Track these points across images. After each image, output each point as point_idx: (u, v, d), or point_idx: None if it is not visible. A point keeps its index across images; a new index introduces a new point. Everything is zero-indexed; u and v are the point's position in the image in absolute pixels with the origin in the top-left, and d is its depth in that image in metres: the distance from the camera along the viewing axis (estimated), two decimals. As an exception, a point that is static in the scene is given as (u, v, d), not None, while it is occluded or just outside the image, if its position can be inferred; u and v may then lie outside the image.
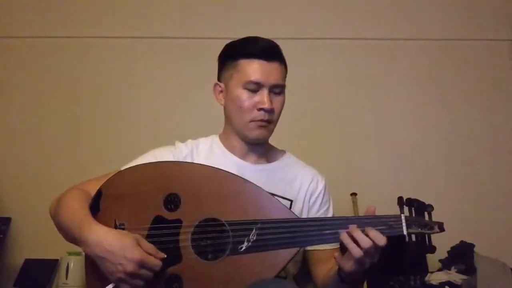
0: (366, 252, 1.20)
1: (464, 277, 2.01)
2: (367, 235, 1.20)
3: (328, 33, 2.60)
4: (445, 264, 2.12)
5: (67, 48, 2.58)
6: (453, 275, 2.02)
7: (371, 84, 2.61)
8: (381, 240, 1.20)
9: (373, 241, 1.19)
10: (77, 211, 1.30)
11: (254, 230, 1.28)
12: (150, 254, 1.22)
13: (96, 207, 1.33)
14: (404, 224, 1.25)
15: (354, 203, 2.31)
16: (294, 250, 1.29)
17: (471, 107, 2.59)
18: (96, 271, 1.27)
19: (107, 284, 1.23)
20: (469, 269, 2.04)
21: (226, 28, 2.51)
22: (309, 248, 1.51)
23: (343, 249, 1.25)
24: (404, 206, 1.31)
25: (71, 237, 1.30)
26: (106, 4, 2.62)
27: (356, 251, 1.20)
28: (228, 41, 1.56)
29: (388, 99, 2.60)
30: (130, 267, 1.19)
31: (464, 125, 2.58)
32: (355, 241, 1.21)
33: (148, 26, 2.60)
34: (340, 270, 1.30)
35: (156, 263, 1.23)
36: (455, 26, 2.63)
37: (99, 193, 1.36)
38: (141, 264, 1.20)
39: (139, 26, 2.60)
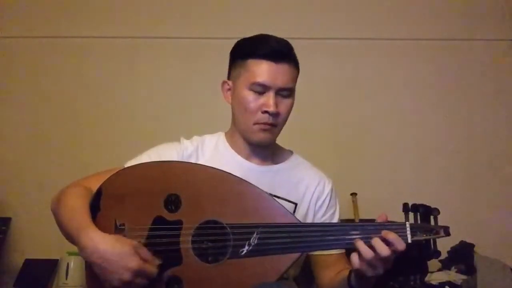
0: (383, 258, 1.18)
1: (464, 277, 2.01)
2: (385, 239, 1.19)
3: (328, 33, 2.60)
4: (445, 264, 2.12)
5: (67, 48, 2.58)
6: (453, 275, 2.02)
7: (371, 84, 2.61)
8: (401, 245, 1.18)
9: (394, 245, 1.18)
10: (76, 212, 1.28)
11: (255, 234, 1.26)
12: (147, 261, 1.22)
13: (96, 206, 1.33)
14: (408, 232, 1.22)
15: (354, 203, 2.31)
16: (295, 255, 1.27)
17: (471, 106, 2.59)
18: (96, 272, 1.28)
19: (108, 284, 1.23)
20: (469, 269, 2.05)
21: (226, 28, 2.51)
22: (313, 252, 1.50)
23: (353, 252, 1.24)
24: (410, 212, 1.29)
25: (69, 239, 1.30)
26: (107, 4, 2.62)
27: (372, 258, 1.18)
28: (229, 41, 1.54)
29: (388, 99, 2.61)
30: (126, 276, 1.18)
31: (464, 124, 2.58)
32: (372, 248, 1.19)
33: (149, 26, 2.60)
34: (350, 276, 1.30)
35: (152, 271, 1.22)
36: (455, 26, 2.63)
37: (99, 192, 1.35)
38: (138, 273, 1.19)
39: (140, 26, 2.60)
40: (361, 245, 1.20)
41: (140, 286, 1.21)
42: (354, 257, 1.22)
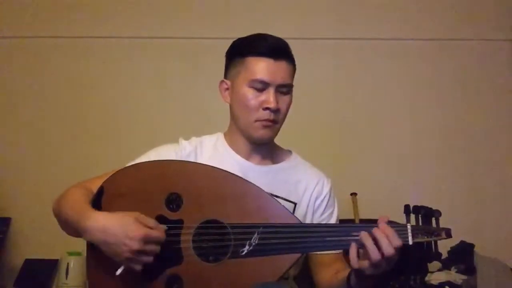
0: (385, 256, 1.18)
1: (464, 277, 2.00)
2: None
3: (328, 33, 2.60)
4: (445, 264, 2.12)
5: (67, 48, 2.58)
6: (453, 275, 2.01)
7: (370, 84, 2.61)
8: (396, 241, 1.18)
9: (387, 238, 1.18)
10: (77, 204, 1.30)
11: (256, 234, 1.27)
12: (152, 228, 1.23)
13: (97, 204, 1.33)
14: (409, 234, 1.22)
15: (354, 203, 2.30)
16: (296, 256, 1.28)
17: (471, 107, 2.59)
18: (97, 269, 1.28)
19: (109, 280, 1.24)
20: (469, 269, 2.04)
21: (227, 28, 2.51)
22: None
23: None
24: (411, 214, 1.29)
25: (73, 229, 1.30)
26: (107, 4, 2.62)
27: (375, 254, 1.18)
28: (229, 41, 1.55)
29: (388, 99, 2.60)
30: (135, 245, 1.19)
31: (464, 125, 2.58)
32: (376, 243, 1.19)
33: (149, 26, 2.60)
34: (350, 277, 1.30)
35: (160, 235, 1.23)
36: (455, 26, 2.62)
37: (101, 191, 1.35)
38: (145, 240, 1.20)
39: (140, 26, 2.60)
40: (367, 240, 1.19)
41: (151, 254, 1.22)
42: (353, 255, 1.22)
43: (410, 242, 1.22)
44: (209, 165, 1.38)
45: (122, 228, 1.20)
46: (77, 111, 2.56)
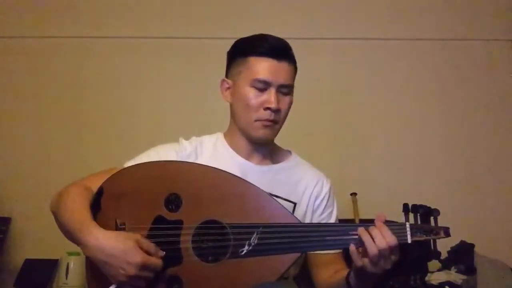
0: (381, 251, 1.19)
1: (464, 277, 2.01)
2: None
3: (328, 33, 2.60)
4: (445, 264, 2.12)
5: (67, 48, 2.58)
6: (453, 275, 2.02)
7: (370, 84, 2.61)
8: (390, 237, 1.19)
9: (383, 237, 1.19)
10: (77, 211, 1.29)
11: (255, 234, 1.27)
12: (151, 254, 1.23)
13: (97, 205, 1.33)
14: (408, 232, 1.23)
15: (354, 203, 2.31)
16: (295, 255, 1.28)
17: (471, 107, 2.59)
18: (96, 271, 1.27)
19: (108, 285, 1.23)
20: (469, 269, 2.04)
21: (227, 28, 2.51)
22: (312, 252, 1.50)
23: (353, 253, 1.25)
24: (410, 212, 1.30)
25: (71, 238, 1.30)
26: (107, 4, 2.62)
27: (372, 248, 1.19)
28: (229, 41, 1.55)
29: (388, 99, 2.61)
30: (132, 271, 1.19)
31: (464, 124, 2.58)
32: (372, 239, 1.20)
33: (149, 26, 2.60)
34: (349, 276, 1.30)
35: (158, 263, 1.23)
36: (455, 26, 2.62)
37: (100, 191, 1.35)
38: (143, 267, 1.20)
39: (140, 26, 2.60)
40: (365, 235, 1.21)
41: (146, 279, 1.22)
42: (354, 253, 1.23)
43: (409, 241, 1.23)
44: (209, 166, 1.38)
45: (122, 252, 1.20)
46: (77, 111, 2.56)
